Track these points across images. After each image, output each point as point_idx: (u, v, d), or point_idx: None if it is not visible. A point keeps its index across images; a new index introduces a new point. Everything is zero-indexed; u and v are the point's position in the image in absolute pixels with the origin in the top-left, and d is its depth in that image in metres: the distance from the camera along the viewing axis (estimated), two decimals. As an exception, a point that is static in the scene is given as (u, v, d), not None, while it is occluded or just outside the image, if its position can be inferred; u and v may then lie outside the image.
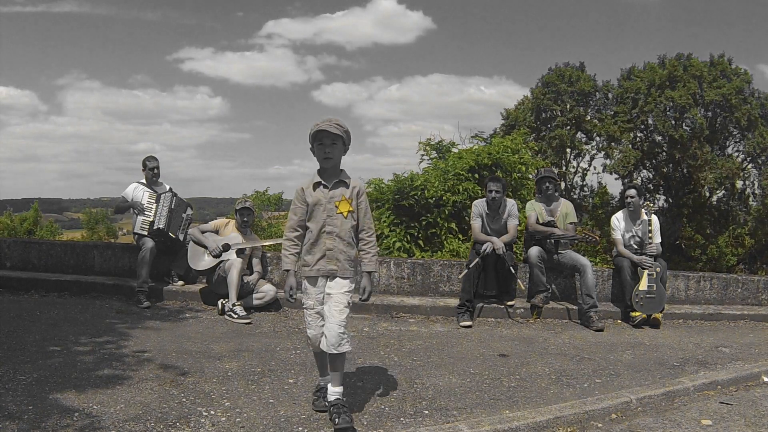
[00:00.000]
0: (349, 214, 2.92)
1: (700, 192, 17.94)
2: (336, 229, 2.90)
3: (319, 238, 2.91)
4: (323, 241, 2.91)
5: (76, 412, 2.82)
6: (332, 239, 2.90)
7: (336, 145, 2.88)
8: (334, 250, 2.90)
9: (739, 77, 17.73)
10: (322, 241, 2.91)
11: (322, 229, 2.90)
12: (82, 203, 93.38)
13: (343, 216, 2.90)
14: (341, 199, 2.90)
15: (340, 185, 2.94)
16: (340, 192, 2.92)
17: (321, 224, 2.90)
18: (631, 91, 18.39)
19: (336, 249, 2.90)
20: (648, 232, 5.79)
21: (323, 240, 2.90)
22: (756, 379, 4.05)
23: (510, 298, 5.72)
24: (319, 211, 2.90)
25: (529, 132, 16.25)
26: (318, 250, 2.91)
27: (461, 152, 8.30)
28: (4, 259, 6.56)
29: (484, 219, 5.61)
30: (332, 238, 2.90)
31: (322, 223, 2.90)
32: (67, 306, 5.29)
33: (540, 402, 3.31)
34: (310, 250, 2.93)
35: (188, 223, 6.06)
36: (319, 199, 2.90)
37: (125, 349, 3.97)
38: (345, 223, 2.91)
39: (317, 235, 2.91)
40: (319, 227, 2.90)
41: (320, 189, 2.92)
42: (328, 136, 2.85)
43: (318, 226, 2.90)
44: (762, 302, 6.89)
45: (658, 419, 3.25)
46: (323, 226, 2.90)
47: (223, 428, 2.75)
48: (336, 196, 2.91)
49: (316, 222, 2.91)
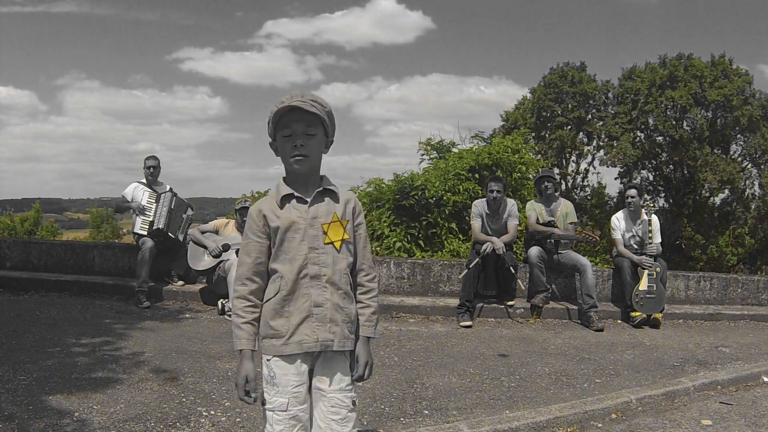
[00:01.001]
0: (343, 245, 1.84)
1: (701, 192, 17.94)
2: (326, 269, 1.80)
3: (298, 288, 1.80)
4: (305, 291, 1.80)
5: (76, 412, 2.82)
6: (321, 288, 1.80)
7: (313, 136, 1.80)
8: (324, 307, 1.79)
9: (740, 77, 17.73)
10: (302, 293, 1.80)
11: (303, 272, 1.79)
12: (82, 203, 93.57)
13: (334, 248, 1.82)
14: (331, 221, 1.83)
15: (324, 197, 1.86)
16: (327, 208, 1.84)
17: (300, 263, 1.79)
18: (632, 91, 18.39)
19: (328, 304, 1.80)
20: (648, 232, 5.79)
21: (305, 290, 1.80)
22: (756, 379, 4.05)
23: (510, 298, 5.72)
24: (295, 242, 1.80)
25: (529, 132, 16.25)
26: (297, 309, 1.79)
27: (461, 152, 8.30)
28: (4, 259, 6.56)
29: (484, 219, 5.61)
30: (321, 287, 1.80)
31: (302, 261, 1.79)
32: (67, 306, 5.30)
33: (540, 402, 3.31)
34: (282, 310, 1.80)
35: (188, 224, 6.07)
36: (293, 222, 1.80)
37: (125, 350, 3.97)
38: (339, 260, 1.83)
39: (294, 282, 1.79)
40: (296, 269, 1.79)
41: (293, 205, 1.83)
42: (300, 119, 1.77)
43: (294, 268, 1.79)
44: (762, 302, 6.89)
45: (658, 419, 3.25)
46: (303, 266, 1.79)
47: (223, 428, 2.75)
48: (321, 215, 1.82)
49: (290, 260, 1.80)
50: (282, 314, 1.81)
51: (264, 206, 1.85)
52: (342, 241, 1.84)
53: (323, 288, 1.81)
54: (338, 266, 1.83)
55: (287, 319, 1.80)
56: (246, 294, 1.83)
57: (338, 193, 1.89)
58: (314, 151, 1.82)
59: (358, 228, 1.92)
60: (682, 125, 18.20)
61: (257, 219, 1.84)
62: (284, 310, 1.81)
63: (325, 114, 1.81)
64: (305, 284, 1.80)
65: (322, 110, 1.80)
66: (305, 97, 1.79)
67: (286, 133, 1.79)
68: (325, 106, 1.82)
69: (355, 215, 1.91)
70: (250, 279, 1.84)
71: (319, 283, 1.81)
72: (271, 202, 1.85)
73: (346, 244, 1.86)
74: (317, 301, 1.80)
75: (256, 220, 1.85)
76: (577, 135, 19.26)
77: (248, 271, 1.84)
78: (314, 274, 1.80)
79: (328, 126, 1.85)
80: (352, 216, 1.90)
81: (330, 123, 1.85)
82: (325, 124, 1.83)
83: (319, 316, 1.80)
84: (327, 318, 1.80)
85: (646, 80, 18.24)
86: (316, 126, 1.81)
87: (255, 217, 1.85)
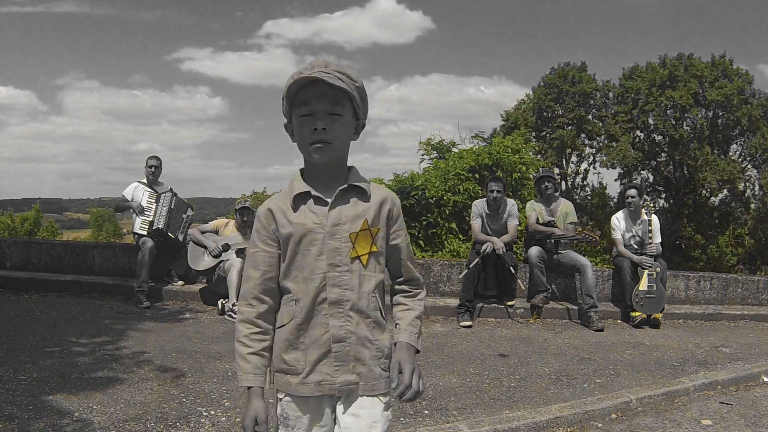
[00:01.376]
0: (371, 260, 1.44)
1: (701, 192, 17.94)
2: (350, 293, 1.42)
3: (315, 315, 1.42)
4: (322, 321, 1.42)
5: (76, 412, 2.82)
6: (343, 318, 1.42)
7: (339, 118, 1.39)
8: (348, 341, 1.42)
9: (740, 77, 17.74)
10: (319, 322, 1.42)
11: (320, 296, 1.42)
12: (82, 203, 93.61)
13: (361, 264, 1.43)
14: (360, 228, 1.42)
15: (350, 196, 1.44)
16: (354, 212, 1.43)
17: (317, 285, 1.41)
18: (632, 91, 18.40)
19: (352, 338, 1.42)
20: (648, 232, 5.80)
21: (322, 319, 1.42)
22: (756, 379, 4.05)
23: (510, 298, 5.72)
24: (310, 257, 1.42)
25: (529, 131, 16.26)
26: (314, 342, 1.42)
27: (462, 152, 8.30)
28: (4, 259, 6.56)
29: (484, 219, 5.61)
30: (343, 316, 1.42)
31: (320, 283, 1.41)
32: (67, 306, 5.30)
33: (540, 402, 3.31)
34: (297, 341, 1.43)
35: (188, 224, 6.07)
36: (308, 230, 1.42)
37: (125, 350, 3.97)
38: (366, 280, 1.44)
39: (310, 307, 1.42)
40: (312, 292, 1.42)
41: (309, 207, 1.43)
42: (322, 95, 1.37)
43: (310, 290, 1.42)
44: (762, 302, 6.89)
45: (658, 419, 3.25)
46: (321, 288, 1.42)
47: (223, 428, 2.75)
48: (346, 220, 1.42)
49: (305, 280, 1.42)
50: (297, 346, 1.43)
51: (274, 206, 1.46)
52: (370, 254, 1.43)
53: (346, 318, 1.42)
54: (365, 288, 1.43)
55: (303, 352, 1.43)
56: (252, 318, 1.46)
57: (369, 191, 1.46)
58: (340, 137, 1.40)
59: (397, 235, 1.51)
60: (682, 125, 18.21)
61: (266, 222, 1.46)
62: (299, 342, 1.43)
63: (354, 90, 1.40)
64: (323, 311, 1.42)
65: (351, 85, 1.39)
66: (329, 68, 1.38)
67: (303, 112, 1.39)
68: (356, 80, 1.41)
69: (391, 220, 1.49)
70: (258, 299, 1.46)
71: (341, 311, 1.41)
72: (283, 201, 1.45)
73: (375, 257, 1.45)
74: (337, 336, 1.41)
75: (264, 223, 1.46)
76: (578, 135, 19.26)
77: (255, 289, 1.46)
78: (335, 300, 1.41)
79: (359, 105, 1.43)
80: (387, 221, 1.48)
81: (361, 102, 1.44)
82: (355, 102, 1.41)
83: (339, 354, 1.42)
84: (350, 356, 1.42)
85: (646, 80, 18.25)
86: (343, 104, 1.39)
87: (263, 219, 1.46)
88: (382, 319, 1.48)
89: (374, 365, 1.45)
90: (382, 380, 1.45)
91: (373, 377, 1.44)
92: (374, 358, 1.45)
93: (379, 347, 1.46)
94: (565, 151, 19.42)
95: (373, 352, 1.45)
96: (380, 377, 1.45)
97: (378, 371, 1.45)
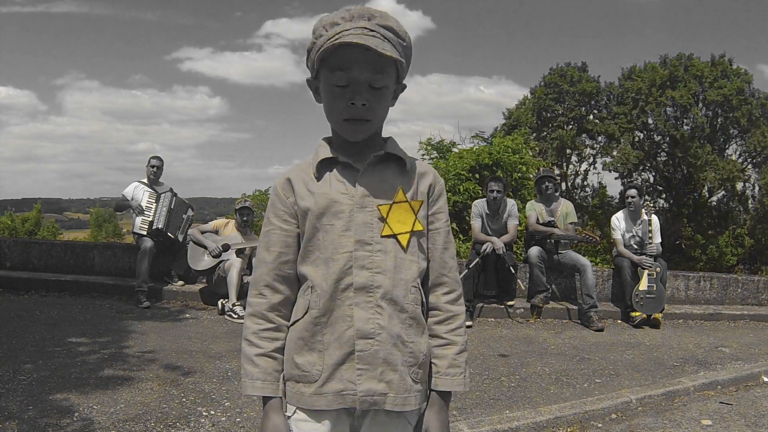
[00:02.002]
0: (413, 240, 1.18)
1: (701, 192, 17.94)
2: (382, 278, 1.14)
3: (336, 305, 1.14)
4: (346, 312, 1.14)
5: (76, 412, 2.82)
6: (372, 308, 1.13)
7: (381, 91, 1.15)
8: (376, 339, 1.13)
9: (739, 78, 17.75)
10: (342, 314, 1.14)
11: (344, 281, 1.14)
12: (82, 203, 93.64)
13: (399, 244, 1.16)
14: (395, 201, 1.17)
15: (386, 164, 1.20)
16: (389, 182, 1.18)
17: (341, 266, 1.14)
18: (632, 91, 18.40)
19: (383, 335, 1.13)
20: (648, 232, 5.80)
21: (346, 310, 1.14)
22: (756, 379, 4.05)
23: (510, 298, 5.72)
24: (334, 233, 1.15)
25: (530, 132, 16.26)
26: (335, 340, 1.14)
27: (462, 152, 8.31)
28: (4, 259, 6.56)
29: (484, 219, 5.61)
30: (373, 306, 1.13)
31: (344, 264, 1.14)
32: (67, 306, 5.29)
33: (540, 402, 3.31)
34: (313, 340, 1.15)
35: (188, 224, 6.08)
36: (332, 201, 1.16)
37: (125, 349, 3.97)
38: (404, 265, 1.17)
39: (330, 295, 1.14)
40: (333, 275, 1.14)
41: (336, 176, 1.18)
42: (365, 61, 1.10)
43: (331, 273, 1.14)
44: (762, 302, 6.89)
45: (658, 419, 3.25)
46: (346, 270, 1.14)
47: (223, 428, 2.75)
48: (378, 191, 1.17)
49: (325, 262, 1.15)
50: (313, 346, 1.14)
51: (294, 175, 1.20)
52: (411, 233, 1.17)
53: (376, 308, 1.13)
54: (402, 274, 1.15)
55: (320, 354, 1.14)
56: (263, 311, 1.18)
57: (409, 162, 1.21)
58: (379, 112, 1.16)
59: (436, 218, 1.23)
60: (682, 125, 18.21)
61: (283, 194, 1.20)
62: (316, 341, 1.14)
63: (402, 52, 1.14)
64: (347, 300, 1.13)
65: (399, 46, 1.14)
66: (373, 21, 1.11)
67: (340, 82, 1.12)
68: (403, 37, 1.15)
69: (432, 197, 1.22)
70: (271, 287, 1.19)
71: (370, 299, 1.13)
72: (305, 171, 1.20)
73: (418, 238, 1.18)
74: (364, 330, 1.12)
75: (281, 196, 1.20)
76: (578, 135, 19.26)
77: (267, 275, 1.19)
78: (362, 285, 1.13)
79: (404, 68, 1.18)
80: (427, 197, 1.21)
81: (407, 63, 1.19)
82: (401, 66, 1.16)
83: (364, 355, 1.12)
84: (378, 358, 1.12)
85: (646, 80, 18.25)
86: (388, 73, 1.14)
87: (280, 191, 1.20)
88: (422, 317, 1.19)
89: (408, 374, 1.15)
90: (413, 394, 1.16)
91: (405, 389, 1.14)
92: (407, 364, 1.15)
93: (413, 351, 1.16)
94: (565, 151, 19.41)
95: (406, 357, 1.15)
96: (411, 389, 1.16)
97: (410, 382, 1.15)
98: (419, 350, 1.17)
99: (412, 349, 1.16)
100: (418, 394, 1.17)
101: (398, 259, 1.15)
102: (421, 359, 1.17)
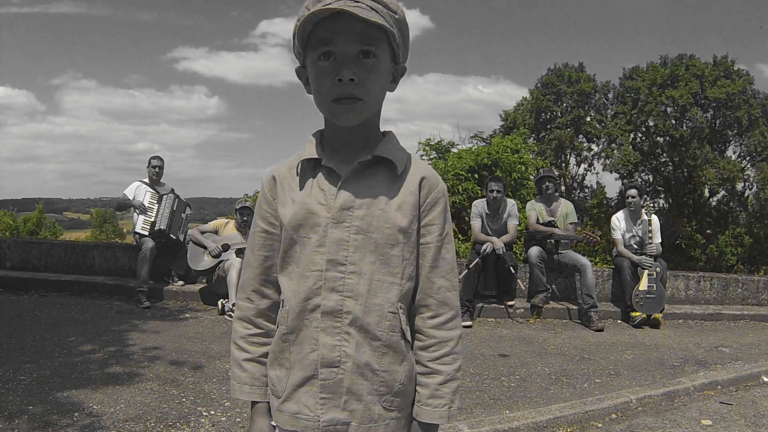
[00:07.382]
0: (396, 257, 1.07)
1: (701, 192, 17.95)
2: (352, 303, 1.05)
3: (304, 326, 1.07)
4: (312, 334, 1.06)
5: (77, 411, 2.82)
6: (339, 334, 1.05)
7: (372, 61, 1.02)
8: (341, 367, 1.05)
9: (741, 78, 17.76)
10: (308, 335, 1.07)
11: (312, 300, 1.06)
12: (81, 203, 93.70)
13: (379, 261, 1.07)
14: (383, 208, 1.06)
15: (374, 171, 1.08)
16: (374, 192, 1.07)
17: (311, 285, 1.06)
18: (632, 91, 18.40)
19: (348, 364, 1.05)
20: (648, 232, 5.80)
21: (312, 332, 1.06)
22: (756, 379, 4.05)
23: (510, 298, 5.73)
24: (308, 247, 1.07)
25: (528, 132, 16.26)
26: (298, 361, 1.08)
27: (461, 152, 8.31)
28: (4, 259, 6.56)
29: (484, 219, 5.62)
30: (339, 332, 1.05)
31: (315, 282, 1.06)
32: (67, 306, 5.29)
33: (540, 402, 3.31)
34: (281, 355, 1.10)
35: (187, 222, 6.09)
36: (311, 211, 1.07)
37: (125, 349, 3.97)
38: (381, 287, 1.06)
39: (297, 314, 1.07)
40: (303, 293, 1.06)
41: (318, 182, 1.09)
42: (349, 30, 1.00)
43: (302, 290, 1.07)
44: (762, 302, 6.89)
45: (658, 419, 3.25)
46: (316, 289, 1.06)
47: (223, 428, 2.75)
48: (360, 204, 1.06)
49: (299, 277, 1.08)
50: (281, 362, 1.09)
51: (279, 173, 1.13)
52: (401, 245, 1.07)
53: (344, 335, 1.04)
54: (378, 299, 1.05)
55: (287, 371, 1.09)
56: (251, 316, 1.15)
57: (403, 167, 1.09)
58: (373, 90, 1.03)
59: (428, 231, 1.09)
60: (682, 125, 18.22)
61: (269, 192, 1.13)
62: (284, 357, 1.09)
63: (394, 24, 1.03)
64: (314, 322, 1.05)
65: (390, 17, 1.02)
66: None
67: (323, 55, 1.01)
68: (395, 10, 1.03)
69: (430, 204, 1.09)
70: (258, 292, 1.14)
71: (337, 324, 1.04)
72: (292, 171, 1.12)
73: (402, 252, 1.06)
74: (329, 358, 1.04)
75: (267, 195, 1.13)
76: (576, 136, 19.27)
77: (254, 280, 1.14)
78: (330, 309, 1.04)
79: (399, 45, 1.06)
80: (419, 208, 1.08)
81: (402, 40, 1.07)
82: (394, 40, 1.04)
83: (327, 384, 1.05)
84: (343, 387, 1.04)
85: (647, 80, 18.25)
86: (378, 44, 1.02)
87: (266, 190, 1.13)
88: (402, 344, 1.08)
89: (374, 402, 1.06)
90: (382, 423, 1.06)
91: (369, 417, 1.05)
92: (374, 393, 1.06)
93: (384, 381, 1.06)
94: (564, 151, 19.42)
95: (375, 386, 1.05)
96: (380, 419, 1.06)
97: (378, 410, 1.06)
98: (394, 379, 1.07)
99: (384, 378, 1.06)
100: (393, 422, 1.08)
101: (374, 281, 1.05)
102: (397, 388, 1.08)
